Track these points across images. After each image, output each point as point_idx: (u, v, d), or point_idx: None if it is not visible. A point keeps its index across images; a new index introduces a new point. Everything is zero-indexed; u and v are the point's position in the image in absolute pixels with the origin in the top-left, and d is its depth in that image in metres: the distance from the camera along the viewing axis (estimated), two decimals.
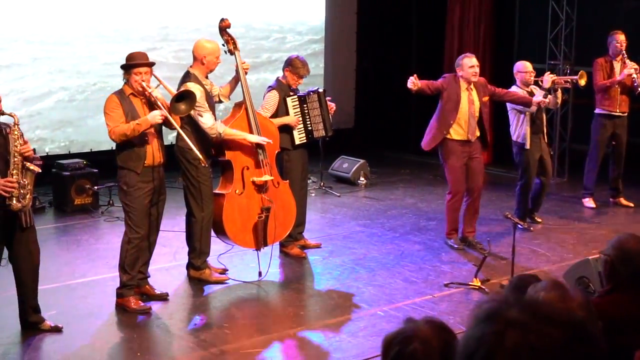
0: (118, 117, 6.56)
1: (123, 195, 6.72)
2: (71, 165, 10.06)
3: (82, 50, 11.34)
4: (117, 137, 6.56)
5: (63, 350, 5.98)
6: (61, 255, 8.17)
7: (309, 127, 8.10)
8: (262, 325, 6.53)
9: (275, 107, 7.94)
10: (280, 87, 8.04)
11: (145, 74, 6.60)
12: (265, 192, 7.50)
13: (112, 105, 6.60)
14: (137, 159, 6.64)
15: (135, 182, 6.64)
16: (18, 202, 5.86)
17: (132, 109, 6.61)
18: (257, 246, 7.51)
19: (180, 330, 6.43)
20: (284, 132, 7.99)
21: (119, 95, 6.65)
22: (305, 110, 8.09)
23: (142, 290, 6.93)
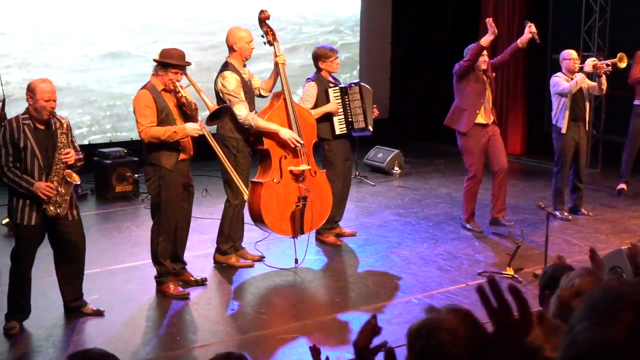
0: (151, 115, 6.49)
1: (156, 189, 6.70)
2: (112, 154, 10.15)
3: (120, 42, 11.39)
4: (148, 137, 6.49)
5: (105, 333, 6.04)
6: (102, 242, 8.24)
7: (349, 118, 8.07)
8: (298, 312, 6.54)
9: (314, 98, 7.93)
10: (319, 79, 8.01)
11: (181, 74, 6.58)
12: (302, 181, 7.51)
13: (144, 102, 6.52)
14: (170, 156, 6.61)
15: (170, 177, 6.63)
16: (54, 209, 5.90)
17: (165, 106, 6.56)
18: (293, 234, 7.53)
19: (218, 316, 6.46)
20: (325, 122, 7.98)
21: (151, 91, 6.55)
22: (347, 101, 8.07)
23: (181, 278, 6.98)
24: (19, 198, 5.90)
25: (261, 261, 7.61)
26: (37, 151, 5.86)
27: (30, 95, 5.90)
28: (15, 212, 5.94)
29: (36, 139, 5.87)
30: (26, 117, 5.92)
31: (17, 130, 5.84)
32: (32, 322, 6.12)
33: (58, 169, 5.90)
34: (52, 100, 5.87)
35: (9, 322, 6.02)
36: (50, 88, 5.90)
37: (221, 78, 7.15)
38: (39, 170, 5.87)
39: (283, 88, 7.43)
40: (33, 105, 5.88)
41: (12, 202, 5.96)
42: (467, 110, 8.47)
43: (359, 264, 7.75)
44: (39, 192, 5.81)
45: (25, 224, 5.92)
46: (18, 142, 5.83)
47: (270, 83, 7.59)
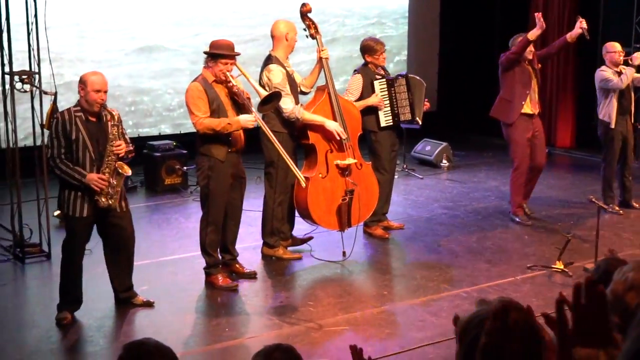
0: (204, 106, 6.55)
1: (205, 179, 6.74)
2: (161, 147, 10.23)
3: (160, 36, 11.41)
4: (203, 128, 6.55)
5: (155, 324, 6.09)
6: (152, 233, 8.31)
7: (395, 110, 8.04)
8: (345, 304, 6.54)
9: (359, 90, 7.91)
10: (365, 71, 7.99)
11: (231, 64, 6.61)
12: (348, 175, 7.50)
13: (196, 94, 6.58)
14: (220, 147, 6.65)
15: (220, 167, 6.67)
16: (106, 200, 5.95)
17: (217, 97, 6.60)
18: (341, 227, 7.53)
19: (266, 308, 6.48)
20: (370, 114, 7.96)
21: (202, 83, 6.61)
22: (393, 93, 8.03)
23: (231, 269, 7.01)
24: (70, 190, 5.97)
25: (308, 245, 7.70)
26: (88, 143, 5.92)
27: (81, 87, 5.96)
28: (66, 204, 6.01)
29: (88, 131, 5.93)
30: (78, 109, 5.98)
31: (69, 123, 5.91)
32: (84, 313, 6.20)
33: (109, 161, 5.96)
34: (102, 92, 5.92)
35: (61, 312, 6.11)
36: (101, 80, 5.95)
37: (266, 71, 7.16)
38: (91, 162, 5.93)
39: (327, 82, 7.42)
40: (84, 98, 5.94)
41: (63, 194, 6.02)
42: (513, 101, 8.44)
43: (406, 257, 7.73)
44: (91, 183, 5.86)
45: (77, 216, 5.98)
46: (70, 135, 5.89)
47: (312, 79, 7.59)
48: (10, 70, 7.39)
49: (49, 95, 7.31)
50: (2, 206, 8.94)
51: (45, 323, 6.10)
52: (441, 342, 5.74)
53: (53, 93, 7.25)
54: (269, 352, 2.79)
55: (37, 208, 7.61)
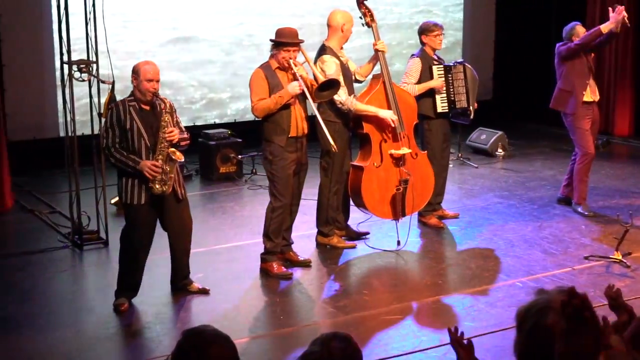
0: (262, 91, 6.62)
1: (268, 164, 6.80)
2: (217, 135, 10.28)
3: (199, 26, 11.33)
4: (260, 112, 6.64)
5: (210, 311, 6.14)
6: (207, 221, 8.37)
7: (451, 96, 7.99)
8: (400, 293, 6.53)
9: (418, 73, 7.86)
10: (423, 55, 7.94)
11: (294, 51, 6.63)
12: (403, 164, 7.46)
13: (257, 80, 6.67)
14: (281, 133, 6.70)
15: (280, 152, 6.71)
16: (160, 187, 6.00)
17: (278, 84, 6.65)
18: (395, 217, 7.50)
19: (320, 296, 6.50)
20: (427, 99, 7.92)
21: (265, 70, 6.69)
22: (450, 80, 7.98)
23: (285, 257, 7.04)
24: (127, 178, 6.04)
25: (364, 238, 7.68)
26: (143, 131, 5.98)
27: (134, 77, 6.04)
28: (124, 192, 6.08)
29: (142, 119, 6.00)
30: (131, 99, 6.06)
31: (124, 113, 5.99)
32: (140, 300, 6.28)
33: (162, 148, 6.01)
34: (154, 81, 6.00)
35: (118, 299, 6.19)
36: (153, 69, 6.03)
37: (320, 62, 7.16)
38: (146, 149, 6.00)
39: (382, 70, 7.40)
40: (137, 87, 6.02)
41: (121, 183, 6.10)
42: (573, 91, 8.33)
43: (461, 246, 7.68)
44: (144, 170, 5.92)
45: (136, 204, 6.05)
46: (124, 124, 5.97)
47: (368, 69, 7.58)
48: (69, 59, 7.49)
49: (107, 84, 7.39)
50: (61, 194, 9.10)
51: (103, 309, 6.19)
52: (497, 332, 5.70)
53: (110, 82, 7.33)
54: (326, 340, 2.79)
55: (94, 196, 7.72)
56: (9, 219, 8.62)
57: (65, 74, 7.56)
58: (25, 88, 10.27)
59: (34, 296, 6.51)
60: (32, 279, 6.86)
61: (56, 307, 6.34)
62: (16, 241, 7.95)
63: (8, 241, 7.94)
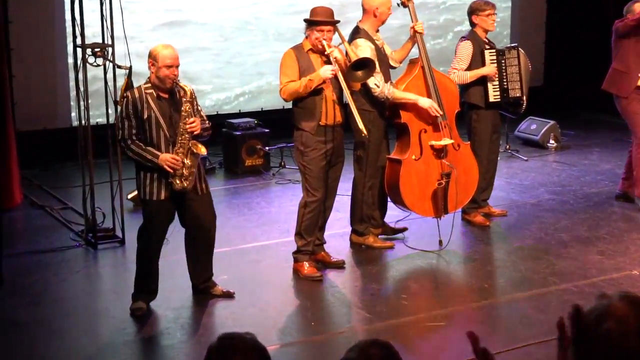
0: (292, 74, 6.65)
1: (299, 156, 6.82)
2: (242, 125, 10.30)
3: (205, 8, 11.31)
4: (288, 95, 6.67)
5: (235, 316, 6.16)
6: (232, 218, 8.40)
7: (504, 84, 7.96)
8: (442, 298, 6.53)
9: (469, 58, 7.83)
10: (474, 37, 7.91)
11: (328, 32, 6.63)
12: (444, 156, 7.45)
13: (288, 62, 6.69)
14: (310, 119, 6.71)
15: (312, 142, 6.72)
16: (180, 182, 6.00)
17: (310, 66, 6.66)
18: (436, 214, 7.49)
19: (355, 300, 6.50)
20: (477, 87, 7.90)
21: (296, 51, 6.71)
22: (503, 65, 7.96)
23: (317, 257, 7.04)
24: (146, 172, 6.05)
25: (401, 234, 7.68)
26: (161, 122, 6.00)
27: (152, 63, 6.03)
28: (142, 187, 6.10)
29: (160, 109, 6.01)
30: (148, 86, 6.07)
31: (140, 101, 6.00)
32: (160, 303, 6.30)
33: (183, 140, 6.01)
34: (174, 66, 5.99)
35: (135, 303, 6.21)
36: (172, 54, 6.02)
37: (353, 46, 7.13)
38: (165, 141, 6.01)
39: (420, 53, 7.38)
40: (155, 74, 6.02)
41: (139, 177, 6.12)
42: (628, 73, 8.30)
43: (509, 246, 7.65)
44: (164, 164, 5.93)
45: (155, 199, 6.07)
46: (141, 114, 5.99)
47: (403, 53, 7.56)
48: (83, 42, 7.53)
49: (123, 69, 7.42)
50: (74, 188, 9.16)
51: (119, 313, 6.22)
52: (549, 341, 5.67)
53: (127, 67, 7.36)
54: (365, 347, 2.78)
55: (110, 190, 7.77)
56: (18, 215, 8.68)
57: (79, 58, 7.61)
58: (35, 74, 10.34)
59: (45, 299, 6.56)
60: (43, 281, 6.91)
61: (69, 311, 6.39)
62: (26, 240, 8.01)
63: (17, 240, 7.98)
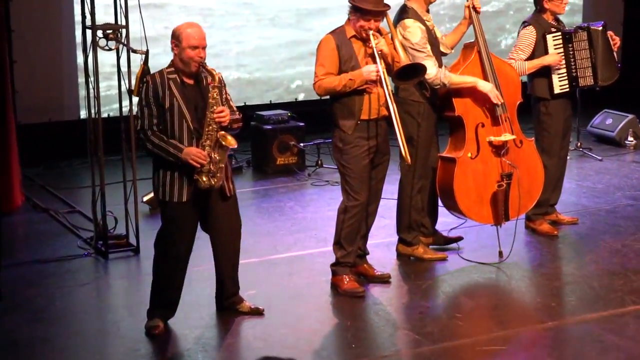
0: (330, 65, 6.60)
1: (338, 154, 6.79)
2: (273, 118, 10.31)
3: None
4: (323, 91, 6.64)
5: (264, 336, 6.15)
6: (261, 225, 8.40)
7: (573, 72, 7.89)
8: (502, 318, 6.49)
9: (531, 47, 7.80)
10: (537, 21, 7.87)
11: (375, 21, 6.60)
12: (505, 154, 7.41)
13: (326, 50, 6.64)
14: (350, 114, 6.68)
15: (353, 138, 6.69)
16: (207, 180, 5.98)
17: (352, 56, 6.63)
18: (496, 221, 7.46)
19: (402, 320, 6.49)
20: (541, 77, 7.85)
21: (337, 38, 6.65)
22: (570, 51, 7.89)
23: (359, 270, 7.02)
24: (166, 170, 6.03)
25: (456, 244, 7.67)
26: (185, 111, 5.99)
27: (174, 44, 6.02)
28: (161, 187, 6.07)
29: (184, 96, 6.00)
30: (171, 70, 6.06)
31: (162, 87, 6.00)
32: (178, 321, 6.30)
33: (210, 131, 5.99)
34: (200, 48, 5.98)
35: (151, 320, 6.21)
36: (199, 34, 6.01)
37: (401, 28, 7.11)
38: (189, 133, 6.00)
39: (477, 37, 7.35)
40: (179, 56, 6.01)
41: (157, 175, 6.09)
42: None
43: (581, 259, 7.62)
44: (188, 159, 5.90)
45: (176, 201, 6.04)
46: (163, 102, 5.98)
47: (455, 38, 7.55)
48: (93, 23, 7.55)
49: (139, 53, 7.43)
50: (82, 189, 9.23)
51: (132, 332, 6.23)
52: None
53: (144, 52, 7.36)
54: None
55: (123, 192, 7.80)
56: (19, 220, 8.75)
57: (89, 41, 7.64)
58: (38, 59, 10.41)
59: (48, 315, 6.58)
60: (46, 295, 6.94)
61: (75, 328, 6.41)
62: (27, 248, 8.06)
63: (17, 248, 8.04)
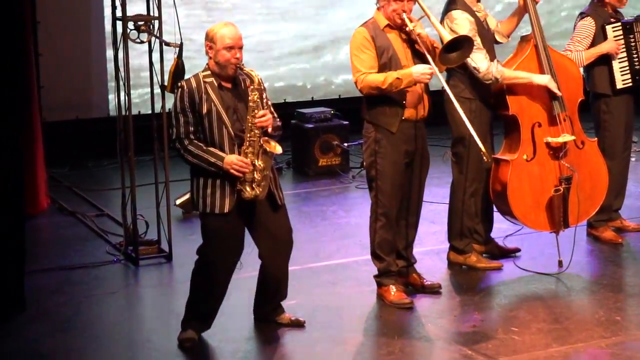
0: (369, 60, 6.57)
1: (371, 155, 6.73)
2: (315, 116, 10.31)
3: None
4: (365, 88, 6.58)
5: (305, 350, 6.15)
6: (302, 230, 8.37)
7: (635, 64, 7.84)
8: (562, 332, 6.43)
9: (590, 38, 7.76)
10: (596, 11, 7.83)
11: (408, 2, 6.56)
12: (564, 156, 7.36)
13: (361, 44, 6.61)
14: (393, 114, 6.64)
15: (391, 140, 6.64)
16: (251, 190, 5.95)
17: (389, 47, 6.60)
18: (554, 228, 7.42)
19: (453, 334, 6.45)
20: (601, 70, 7.81)
21: (370, 29, 6.62)
22: (632, 42, 7.86)
23: (407, 280, 7.01)
24: (206, 178, 6.00)
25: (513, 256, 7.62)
26: (224, 116, 5.97)
27: (209, 46, 6.02)
28: (201, 199, 6.02)
29: (222, 100, 5.99)
30: (208, 74, 6.06)
31: (198, 92, 5.99)
32: (214, 333, 6.30)
33: (252, 137, 5.96)
34: (236, 48, 5.97)
35: (184, 332, 6.21)
36: (234, 33, 5.99)
37: (448, 19, 7.11)
38: (230, 140, 5.97)
39: (533, 29, 7.31)
40: (214, 58, 6.01)
41: (197, 185, 6.05)
42: None
43: None
44: (230, 168, 5.88)
45: (218, 212, 6.00)
46: (200, 108, 5.97)
47: (510, 26, 7.52)
48: (123, 14, 7.57)
49: (172, 47, 7.44)
50: (111, 191, 9.25)
51: (164, 345, 6.23)
52: None
53: (178, 45, 7.38)
54: None
55: (155, 194, 7.80)
56: (44, 223, 8.80)
57: (119, 33, 7.66)
58: (65, 53, 10.49)
59: (75, 326, 6.61)
60: (73, 304, 6.97)
61: (103, 340, 6.42)
62: (53, 253, 8.11)
63: (42, 253, 8.08)
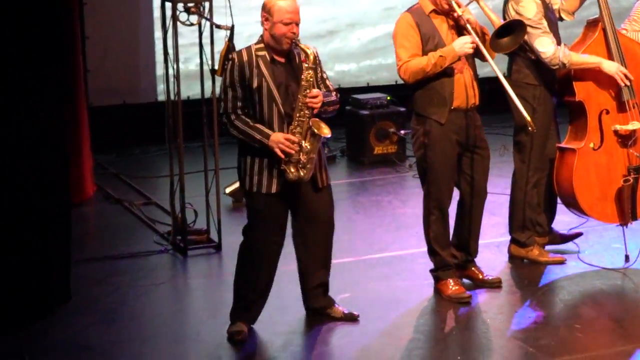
0: (412, 45, 6.59)
1: (421, 148, 6.74)
2: (371, 102, 10.32)
3: None
4: (410, 75, 6.57)
5: (358, 345, 6.18)
6: (356, 221, 8.44)
7: None
8: (628, 330, 6.42)
9: None
10: None
11: None
12: (633, 145, 7.35)
13: (405, 30, 6.62)
14: (441, 103, 6.65)
15: (441, 131, 6.65)
16: (295, 171, 5.99)
17: (435, 33, 6.62)
18: (622, 220, 7.40)
19: (514, 330, 6.46)
20: None
21: (415, 16, 6.63)
22: None
23: (467, 273, 7.03)
24: (254, 157, 6.06)
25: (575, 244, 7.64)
26: (275, 92, 6.02)
27: (265, 17, 6.05)
28: (248, 177, 6.09)
29: (274, 76, 6.03)
30: (261, 47, 6.09)
31: (249, 66, 6.03)
32: (264, 326, 6.36)
33: (301, 117, 6.00)
34: (293, 23, 6.00)
35: (234, 325, 6.26)
36: (292, 7, 6.02)
37: (514, 2, 7.08)
38: (279, 118, 6.03)
39: (601, 12, 7.27)
40: (269, 31, 6.04)
41: (243, 163, 6.11)
42: None
43: None
44: (275, 146, 5.92)
45: (264, 192, 6.07)
46: (250, 82, 6.01)
47: (575, 2, 7.47)
48: None
49: (223, 29, 7.47)
50: (159, 179, 9.33)
51: (213, 337, 6.30)
52: None
53: (229, 27, 7.39)
54: None
55: (204, 182, 7.88)
56: (89, 211, 8.86)
57: (168, 16, 7.71)
58: (113, 36, 10.54)
59: (121, 317, 6.70)
60: (119, 294, 7.06)
61: (149, 332, 6.51)
62: (98, 242, 8.21)
63: (87, 242, 8.18)
